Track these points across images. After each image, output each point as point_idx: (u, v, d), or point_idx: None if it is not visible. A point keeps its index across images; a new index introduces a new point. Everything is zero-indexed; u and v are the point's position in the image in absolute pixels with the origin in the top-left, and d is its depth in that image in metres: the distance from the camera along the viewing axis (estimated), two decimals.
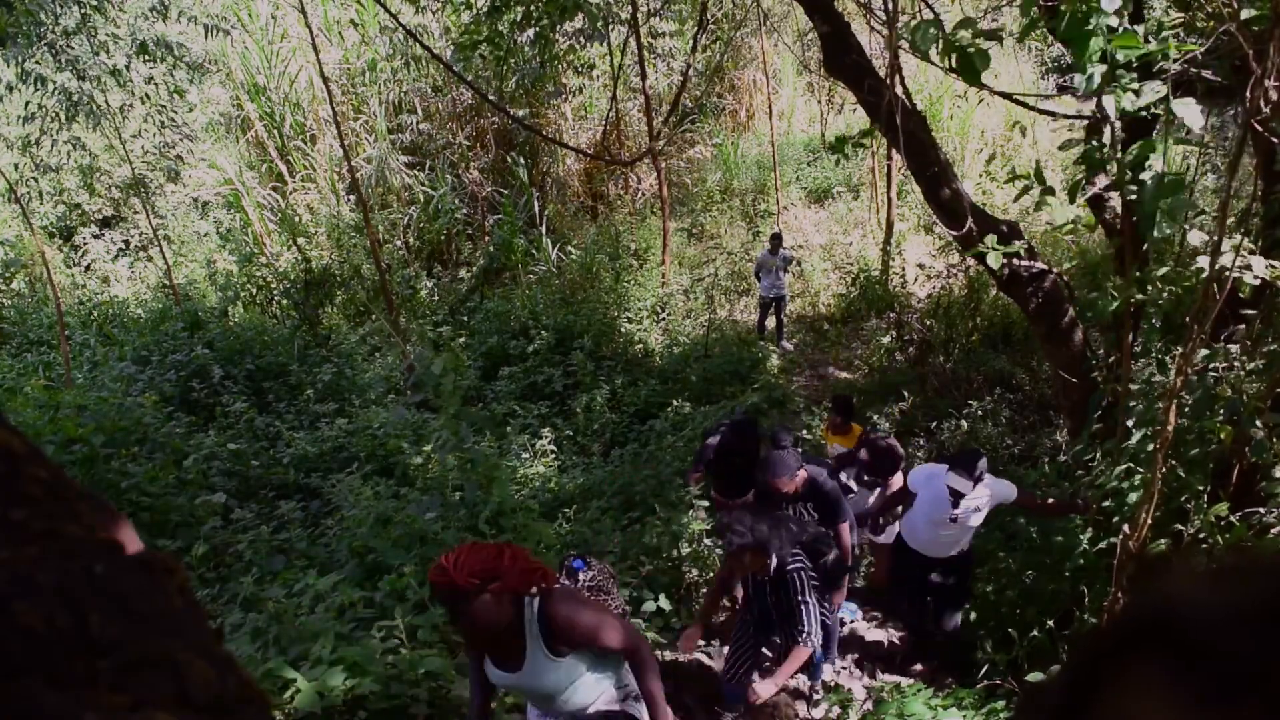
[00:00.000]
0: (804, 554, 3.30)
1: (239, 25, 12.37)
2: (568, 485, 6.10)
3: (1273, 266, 2.77)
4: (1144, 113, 2.69)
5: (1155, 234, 2.65)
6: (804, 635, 3.15)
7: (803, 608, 3.18)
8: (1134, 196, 2.58)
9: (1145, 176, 2.58)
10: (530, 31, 7.10)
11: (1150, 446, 3.27)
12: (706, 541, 4.93)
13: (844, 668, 4.46)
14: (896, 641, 4.66)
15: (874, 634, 4.74)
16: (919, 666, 4.41)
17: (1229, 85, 3.28)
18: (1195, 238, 2.90)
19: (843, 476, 4.56)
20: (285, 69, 12.86)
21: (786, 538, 3.26)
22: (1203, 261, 2.75)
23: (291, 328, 9.48)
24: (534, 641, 2.12)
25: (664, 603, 4.40)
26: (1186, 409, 3.42)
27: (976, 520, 3.92)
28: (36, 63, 8.55)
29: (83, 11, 8.23)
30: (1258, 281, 2.76)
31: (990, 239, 3.35)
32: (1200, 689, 0.26)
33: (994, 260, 3.26)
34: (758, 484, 4.04)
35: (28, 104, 9.27)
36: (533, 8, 6.53)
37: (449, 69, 7.47)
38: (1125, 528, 3.15)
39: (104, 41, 9.20)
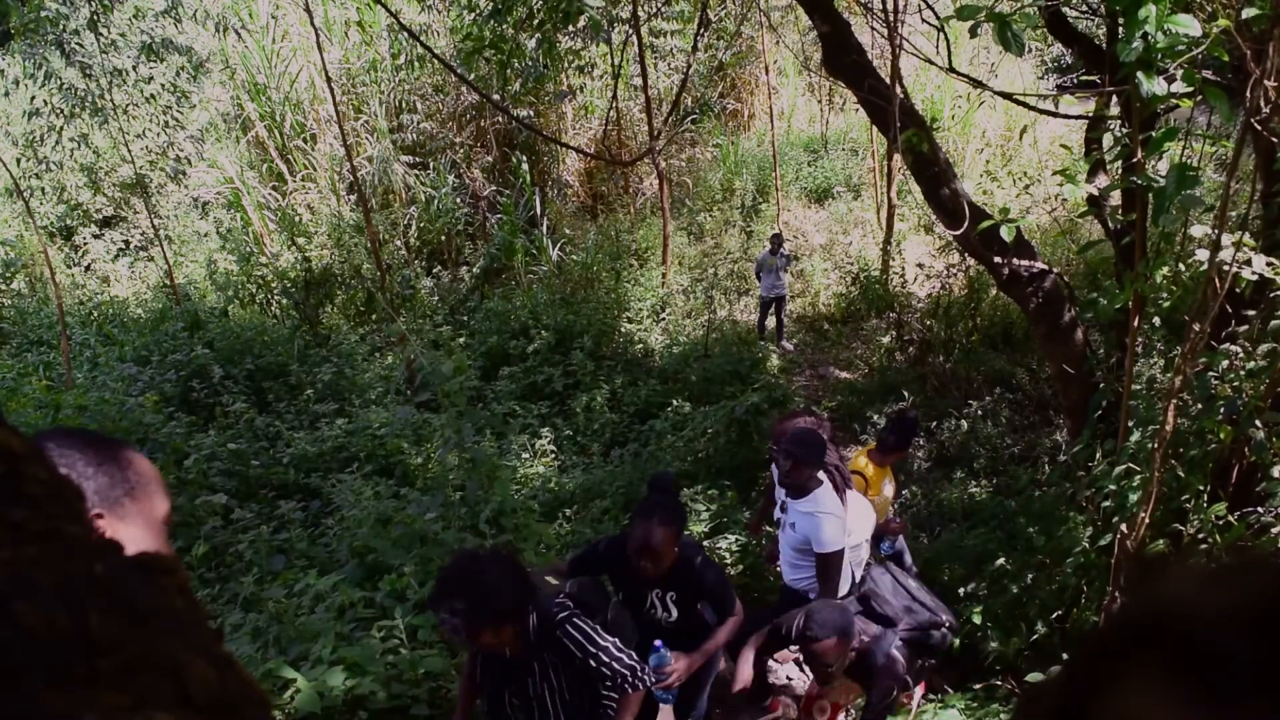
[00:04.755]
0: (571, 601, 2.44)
1: (241, 25, 12.38)
2: (568, 485, 6.10)
3: (1272, 264, 2.78)
4: (1159, 105, 2.68)
5: (1165, 226, 2.66)
6: (626, 680, 2.34)
7: (600, 657, 2.31)
8: (1157, 184, 2.57)
9: (1163, 166, 2.58)
10: (534, 39, 7.11)
11: (1150, 446, 3.28)
12: (705, 544, 4.93)
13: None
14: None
15: None
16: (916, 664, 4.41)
17: (1228, 85, 3.28)
18: (1198, 230, 2.91)
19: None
20: (286, 69, 12.86)
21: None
22: (1201, 255, 2.76)
23: (291, 328, 9.48)
24: None
25: None
26: (1190, 409, 3.42)
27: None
28: (45, 58, 8.58)
29: (92, 11, 8.24)
30: (1256, 277, 2.77)
31: (999, 210, 3.34)
32: (1199, 688, 0.26)
33: (1007, 232, 3.22)
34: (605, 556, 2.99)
35: (33, 98, 9.29)
36: (535, 8, 6.53)
37: (451, 70, 7.47)
38: (1124, 527, 3.15)
39: (112, 40, 9.21)
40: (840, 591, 3.44)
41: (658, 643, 2.69)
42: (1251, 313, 3.54)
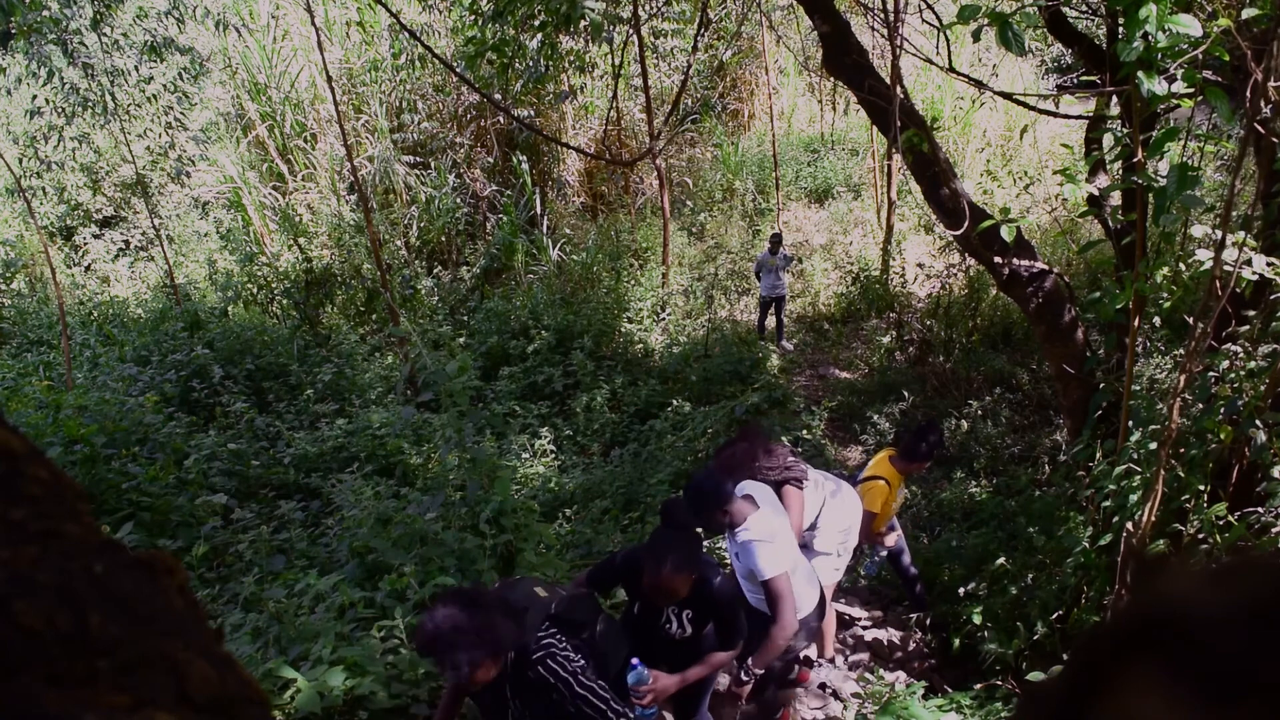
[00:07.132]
0: (558, 629, 2.43)
1: (242, 24, 12.37)
2: (568, 485, 6.10)
3: (1272, 264, 2.78)
4: (1159, 105, 2.68)
5: (1165, 226, 2.66)
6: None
7: (588, 700, 2.30)
8: (1158, 184, 2.57)
9: (1164, 166, 2.59)
10: (536, 40, 7.12)
11: (1152, 445, 3.28)
12: (704, 545, 4.92)
13: (834, 655, 4.46)
14: (895, 641, 4.66)
15: (873, 633, 4.74)
16: (916, 664, 4.41)
17: (1228, 85, 3.28)
18: (1198, 230, 2.91)
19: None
20: (286, 68, 12.87)
21: (526, 620, 2.36)
22: (1202, 255, 2.76)
23: (291, 328, 9.48)
24: None
25: None
26: (1191, 409, 3.42)
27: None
28: (48, 58, 8.58)
29: (96, 10, 8.23)
30: (1256, 277, 2.77)
31: (999, 210, 3.35)
32: (1200, 689, 0.26)
33: (1007, 232, 3.22)
34: (624, 580, 3.03)
35: (35, 97, 9.29)
36: (536, 10, 6.53)
37: (452, 70, 7.47)
38: (1129, 525, 3.15)
39: (115, 40, 9.21)
40: (810, 601, 3.26)
41: (635, 660, 2.69)
42: (1251, 313, 3.54)
